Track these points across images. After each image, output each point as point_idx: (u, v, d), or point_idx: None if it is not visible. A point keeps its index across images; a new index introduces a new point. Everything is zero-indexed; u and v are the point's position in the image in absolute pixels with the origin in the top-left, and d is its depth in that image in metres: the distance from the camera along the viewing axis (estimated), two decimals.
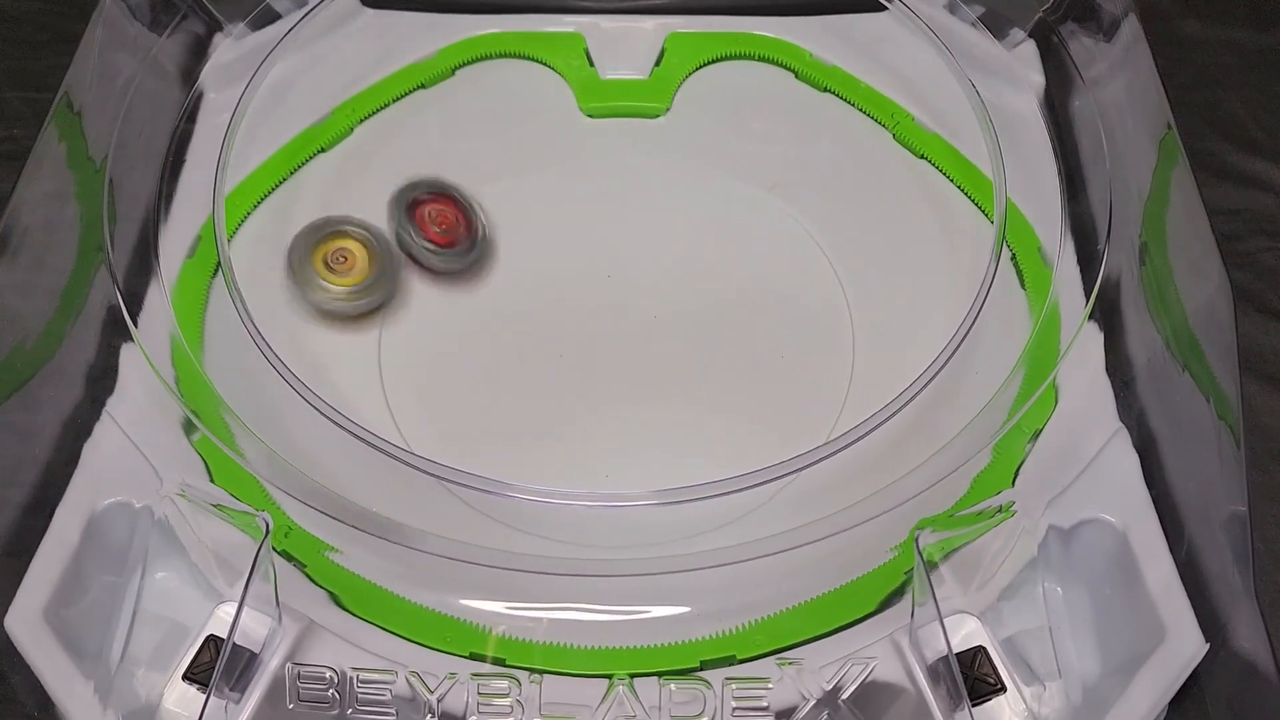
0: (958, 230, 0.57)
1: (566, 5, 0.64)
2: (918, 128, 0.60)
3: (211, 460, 0.49)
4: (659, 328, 0.55)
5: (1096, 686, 0.43)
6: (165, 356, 0.51)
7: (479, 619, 0.45)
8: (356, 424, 0.46)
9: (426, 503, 0.49)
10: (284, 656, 0.43)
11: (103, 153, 0.54)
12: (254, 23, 0.63)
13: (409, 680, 0.42)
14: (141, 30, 0.60)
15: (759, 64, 0.64)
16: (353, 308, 0.52)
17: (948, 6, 0.62)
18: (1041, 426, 0.49)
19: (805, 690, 0.42)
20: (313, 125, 0.61)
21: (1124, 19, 0.57)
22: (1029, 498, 0.45)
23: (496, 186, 0.60)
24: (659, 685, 0.42)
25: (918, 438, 0.50)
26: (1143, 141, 0.54)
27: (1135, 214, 0.53)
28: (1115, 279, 0.52)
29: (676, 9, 0.64)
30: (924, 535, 0.43)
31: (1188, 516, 0.45)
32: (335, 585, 0.46)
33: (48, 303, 0.51)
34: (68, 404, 0.49)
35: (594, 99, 0.62)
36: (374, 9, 0.65)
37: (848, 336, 0.54)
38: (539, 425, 0.52)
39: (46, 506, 0.45)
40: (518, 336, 0.55)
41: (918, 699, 0.42)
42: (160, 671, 0.43)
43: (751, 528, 0.47)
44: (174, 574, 0.46)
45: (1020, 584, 0.44)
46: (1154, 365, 0.49)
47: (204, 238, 0.55)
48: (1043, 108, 0.58)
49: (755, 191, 0.59)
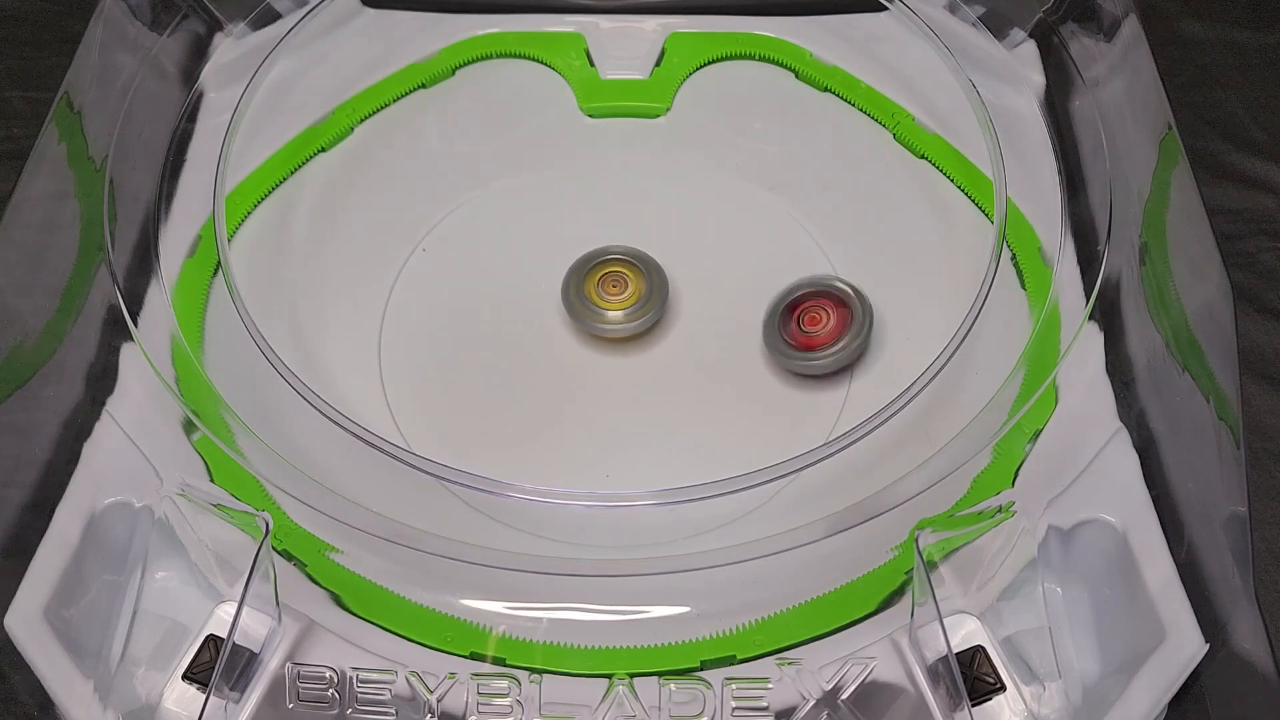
0: (958, 230, 0.57)
1: (566, 5, 0.64)
2: (918, 128, 0.60)
3: (211, 460, 0.49)
4: (659, 327, 0.55)
5: (1096, 686, 0.43)
6: (165, 356, 0.51)
7: (479, 619, 0.45)
8: (356, 424, 0.46)
9: (426, 503, 0.49)
10: (284, 656, 0.43)
11: (103, 153, 0.54)
12: (254, 23, 0.63)
13: (409, 680, 0.42)
14: (142, 30, 0.60)
15: (759, 64, 0.64)
16: (632, 329, 0.53)
17: (948, 6, 0.62)
18: (1041, 427, 0.49)
19: (805, 690, 0.42)
20: (313, 125, 0.61)
21: (1124, 19, 0.57)
22: (1029, 498, 0.45)
23: (496, 186, 0.60)
24: (659, 685, 0.42)
25: (918, 438, 0.50)
26: (1143, 141, 0.54)
27: (1135, 214, 0.53)
28: (1115, 279, 0.52)
29: (677, 9, 0.64)
30: (924, 535, 0.43)
31: (1188, 516, 0.45)
32: (335, 585, 0.46)
33: (48, 303, 0.51)
34: (68, 404, 0.49)
35: (594, 99, 0.62)
36: (374, 9, 0.65)
37: None
38: (539, 425, 0.52)
39: (46, 506, 0.45)
40: (517, 336, 0.55)
41: (917, 699, 0.42)
42: (160, 671, 0.43)
43: (751, 528, 0.47)
44: (174, 574, 0.46)
45: (1020, 584, 0.44)
46: (1154, 365, 0.49)
47: (204, 238, 0.55)
48: (1043, 108, 0.58)
49: (755, 191, 0.59)
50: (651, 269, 0.54)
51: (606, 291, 0.54)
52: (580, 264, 0.54)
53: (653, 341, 0.54)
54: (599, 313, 0.53)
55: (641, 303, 0.53)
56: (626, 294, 0.54)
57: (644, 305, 0.53)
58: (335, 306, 0.55)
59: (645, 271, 0.54)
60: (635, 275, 0.54)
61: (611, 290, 0.54)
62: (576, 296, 0.54)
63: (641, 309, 0.53)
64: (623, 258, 0.54)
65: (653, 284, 0.54)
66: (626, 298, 0.53)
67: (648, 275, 0.54)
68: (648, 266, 0.54)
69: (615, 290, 0.54)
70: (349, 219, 0.59)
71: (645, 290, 0.54)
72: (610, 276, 0.54)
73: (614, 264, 0.54)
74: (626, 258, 0.54)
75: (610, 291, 0.54)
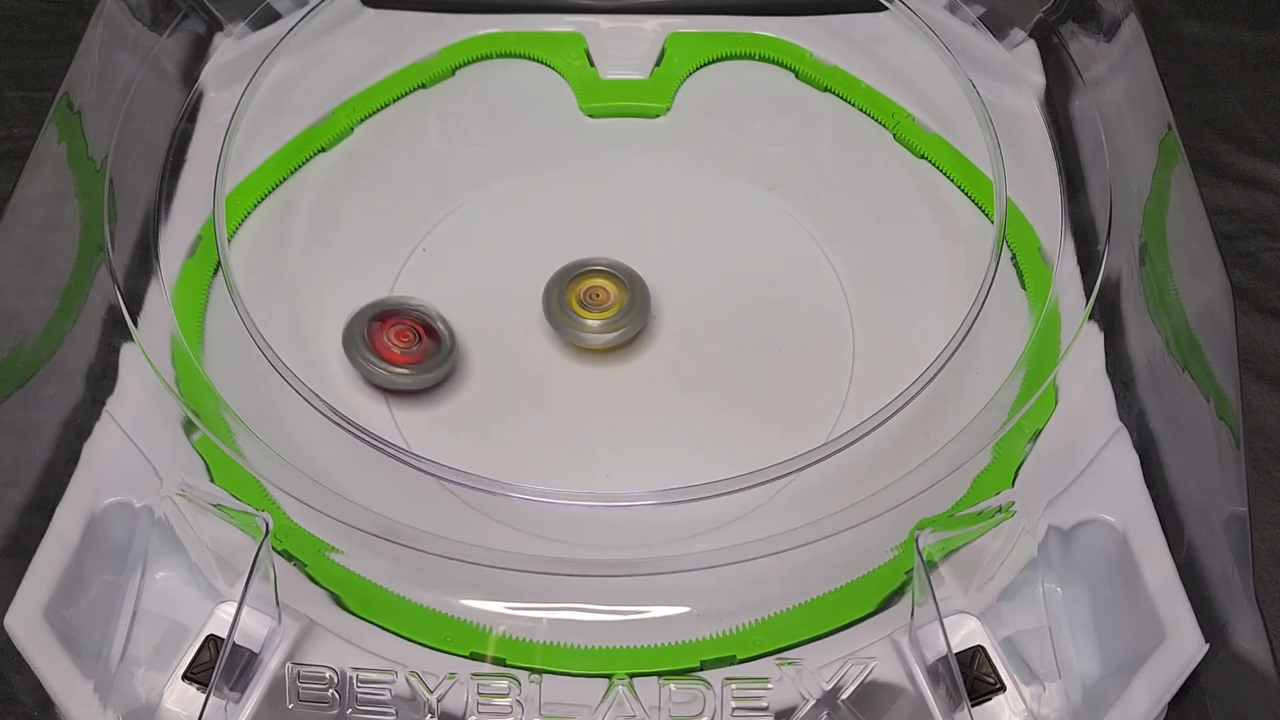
0: (958, 230, 0.57)
1: (566, 5, 0.64)
2: (918, 128, 0.60)
3: (211, 460, 0.49)
4: (659, 327, 0.55)
5: (1096, 686, 0.43)
6: (165, 356, 0.51)
7: (479, 619, 0.45)
8: (356, 424, 0.46)
9: (426, 503, 0.49)
10: (284, 656, 0.43)
11: (103, 153, 0.54)
12: (254, 23, 0.63)
13: (409, 680, 0.42)
14: (142, 30, 0.60)
15: (759, 64, 0.64)
16: (611, 339, 0.53)
17: (948, 6, 0.62)
18: (1041, 427, 0.49)
19: (805, 690, 0.42)
20: (313, 125, 0.61)
21: (1124, 19, 0.57)
22: (1029, 498, 0.45)
23: (496, 186, 0.60)
24: (659, 685, 0.42)
25: (918, 438, 0.50)
26: (1143, 141, 0.54)
27: (1135, 214, 0.53)
28: (1115, 279, 0.52)
29: (677, 9, 0.64)
30: (924, 535, 0.43)
31: (1188, 516, 0.45)
32: (335, 585, 0.46)
33: (48, 302, 0.51)
34: (68, 404, 0.49)
35: (594, 99, 0.62)
36: (374, 9, 0.65)
37: (848, 336, 0.54)
38: (540, 425, 0.52)
39: (46, 506, 0.45)
40: (517, 336, 0.55)
41: (917, 699, 0.42)
42: (160, 671, 0.43)
43: (751, 528, 0.47)
44: (174, 574, 0.46)
45: (1020, 584, 0.44)
46: (1154, 365, 0.49)
47: (204, 238, 0.55)
48: (1043, 108, 0.58)
49: (755, 191, 0.59)
50: (634, 280, 0.53)
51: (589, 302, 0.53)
52: (561, 275, 0.54)
53: (651, 341, 0.54)
54: (581, 322, 0.53)
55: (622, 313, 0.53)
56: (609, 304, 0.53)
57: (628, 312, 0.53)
58: (335, 306, 0.55)
59: (628, 284, 0.53)
60: (617, 286, 0.53)
61: (593, 300, 0.53)
62: (559, 308, 0.53)
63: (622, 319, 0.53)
64: (604, 269, 0.54)
65: (634, 295, 0.53)
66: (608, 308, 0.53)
67: (630, 287, 0.53)
68: (630, 279, 0.53)
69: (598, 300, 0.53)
70: (349, 219, 0.59)
71: (626, 301, 0.53)
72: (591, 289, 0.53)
73: (596, 275, 0.54)
74: (608, 269, 0.54)
75: (592, 301, 0.53)
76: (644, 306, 0.53)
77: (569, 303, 0.53)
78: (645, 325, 0.54)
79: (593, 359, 0.54)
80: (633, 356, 0.54)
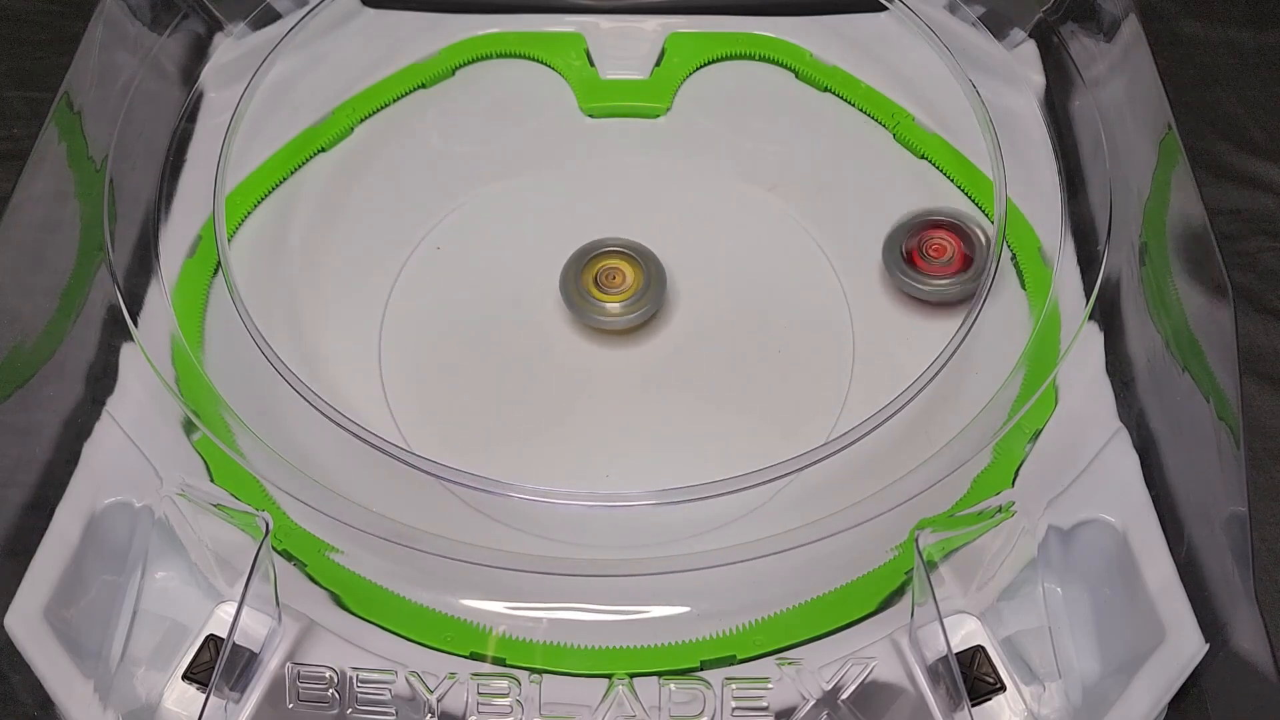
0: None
1: (566, 5, 0.64)
2: (918, 128, 0.60)
3: (211, 460, 0.49)
4: (659, 327, 0.55)
5: (1096, 686, 0.43)
6: (165, 356, 0.51)
7: (479, 619, 0.45)
8: (356, 424, 0.46)
9: (426, 503, 0.49)
10: (284, 656, 0.43)
11: (103, 153, 0.54)
12: (254, 23, 0.63)
13: (409, 680, 0.42)
14: (142, 30, 0.60)
15: (759, 64, 0.64)
16: (627, 321, 0.53)
17: (948, 6, 0.62)
18: (1041, 426, 0.49)
19: (805, 690, 0.42)
20: (313, 125, 0.61)
21: (1124, 19, 0.57)
22: (1029, 498, 0.45)
23: (496, 186, 0.60)
24: (659, 685, 0.42)
25: (918, 438, 0.50)
26: (1143, 141, 0.54)
27: (1135, 214, 0.53)
28: (1115, 279, 0.52)
29: (676, 9, 0.64)
30: (924, 535, 0.43)
31: (1188, 516, 0.45)
32: (335, 585, 0.46)
33: (48, 302, 0.51)
34: (68, 404, 0.49)
35: (594, 99, 0.62)
36: (374, 9, 0.65)
37: (848, 336, 0.54)
38: (539, 425, 0.52)
39: (46, 506, 0.45)
40: (518, 336, 0.55)
41: (917, 699, 0.42)
42: (160, 671, 0.43)
43: (751, 528, 0.47)
44: (174, 574, 0.46)
45: (1020, 584, 0.44)
46: (1154, 365, 0.49)
47: (204, 238, 0.55)
48: (1043, 108, 0.58)
49: (755, 191, 0.59)
50: (649, 261, 0.54)
51: (605, 284, 0.54)
52: (578, 256, 0.55)
53: (651, 341, 0.54)
54: (598, 305, 0.53)
55: (639, 295, 0.54)
56: (625, 286, 0.54)
57: (641, 298, 0.53)
58: (335, 306, 0.55)
59: (643, 264, 0.54)
60: (633, 268, 0.54)
61: (609, 282, 0.54)
62: (575, 289, 0.54)
63: (639, 301, 0.53)
64: (620, 250, 0.54)
65: (650, 276, 0.54)
66: (625, 290, 0.54)
67: (645, 268, 0.54)
68: (645, 259, 0.54)
69: (613, 282, 0.54)
70: (349, 219, 0.59)
71: (643, 282, 0.54)
72: (607, 269, 0.54)
73: (611, 256, 0.55)
74: (624, 250, 0.54)
75: (608, 284, 0.54)
76: (660, 287, 0.54)
77: (586, 285, 0.54)
78: (661, 306, 0.54)
79: (592, 359, 0.54)
80: (632, 356, 0.54)
